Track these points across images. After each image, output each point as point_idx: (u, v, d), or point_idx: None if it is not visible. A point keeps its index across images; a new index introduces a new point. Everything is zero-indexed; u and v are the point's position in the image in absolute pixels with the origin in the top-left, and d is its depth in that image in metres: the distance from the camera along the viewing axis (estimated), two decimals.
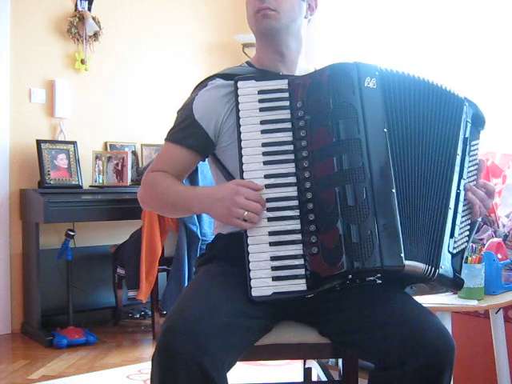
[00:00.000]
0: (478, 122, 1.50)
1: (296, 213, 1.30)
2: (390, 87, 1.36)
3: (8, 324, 3.53)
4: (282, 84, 1.38)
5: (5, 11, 3.54)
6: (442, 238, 1.35)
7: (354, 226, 1.24)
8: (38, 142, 3.54)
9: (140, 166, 3.99)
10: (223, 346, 1.18)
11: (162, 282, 3.49)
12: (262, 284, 1.28)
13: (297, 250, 1.29)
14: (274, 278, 1.28)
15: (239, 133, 1.35)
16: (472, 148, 1.47)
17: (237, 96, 1.37)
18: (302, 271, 1.28)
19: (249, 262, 1.29)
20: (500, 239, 2.11)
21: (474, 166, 1.47)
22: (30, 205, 3.43)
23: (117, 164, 3.75)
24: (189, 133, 1.47)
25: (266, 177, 1.32)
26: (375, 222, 1.24)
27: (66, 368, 2.89)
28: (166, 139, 1.51)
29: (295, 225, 1.30)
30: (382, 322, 1.28)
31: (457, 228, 1.39)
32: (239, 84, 1.37)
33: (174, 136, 1.49)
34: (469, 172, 1.45)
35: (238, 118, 1.35)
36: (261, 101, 1.36)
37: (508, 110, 2.86)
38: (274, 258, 1.29)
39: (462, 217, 1.42)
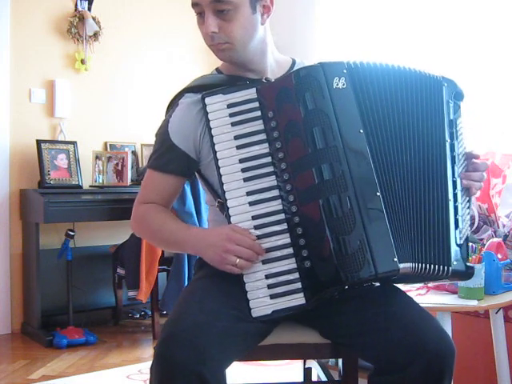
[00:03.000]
0: (458, 97, 1.43)
1: (284, 227, 1.26)
2: (362, 83, 1.30)
3: (8, 324, 3.53)
4: (251, 93, 1.33)
5: (5, 11, 3.54)
6: (449, 233, 1.31)
7: (343, 238, 1.20)
8: (38, 142, 3.54)
9: (140, 165, 3.98)
10: (222, 353, 1.18)
11: (162, 282, 3.49)
12: (261, 304, 1.25)
13: (290, 264, 1.26)
14: (272, 296, 1.25)
15: (214, 152, 1.30)
16: (457, 128, 1.40)
17: (206, 113, 1.32)
18: (298, 285, 1.25)
19: (244, 283, 1.26)
20: (500, 239, 2.11)
21: (462, 147, 1.41)
22: (29, 205, 3.43)
23: (117, 164, 3.75)
24: (170, 158, 1.41)
25: (249, 194, 1.28)
26: (363, 230, 1.21)
27: (66, 368, 2.89)
28: (149, 166, 1.46)
29: (285, 239, 1.26)
30: (383, 325, 1.26)
31: (460, 219, 1.34)
32: (207, 100, 1.33)
33: (156, 163, 1.43)
34: (459, 155, 1.39)
35: (211, 136, 1.31)
36: (231, 115, 1.31)
37: (508, 110, 2.86)
38: (268, 276, 1.26)
39: (462, 203, 1.36)
